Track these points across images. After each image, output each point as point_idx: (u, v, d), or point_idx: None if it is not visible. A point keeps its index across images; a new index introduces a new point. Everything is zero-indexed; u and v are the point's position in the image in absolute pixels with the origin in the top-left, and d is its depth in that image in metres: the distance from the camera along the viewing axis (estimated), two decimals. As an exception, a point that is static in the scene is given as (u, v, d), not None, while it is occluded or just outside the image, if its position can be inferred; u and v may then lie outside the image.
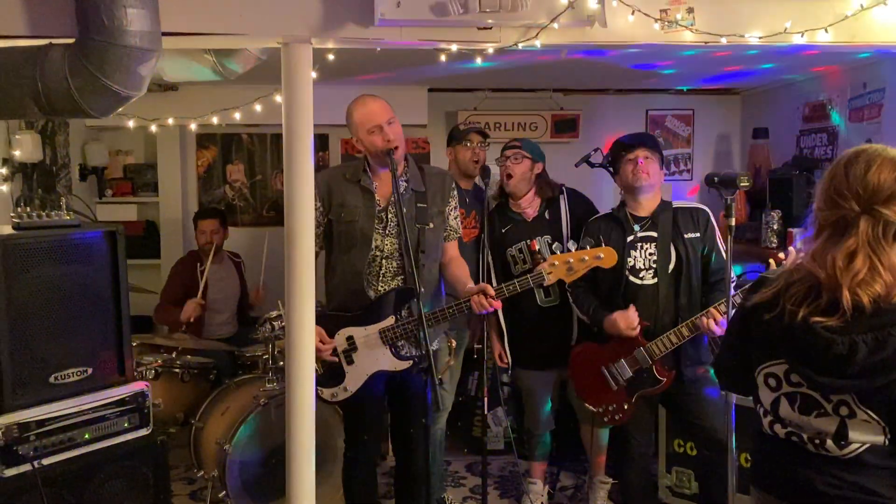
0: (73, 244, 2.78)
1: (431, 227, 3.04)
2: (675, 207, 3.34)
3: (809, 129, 5.19)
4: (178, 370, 4.09)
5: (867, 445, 1.64)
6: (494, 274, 3.69)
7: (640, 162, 3.28)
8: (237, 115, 3.47)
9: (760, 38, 2.68)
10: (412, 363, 2.98)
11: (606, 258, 2.98)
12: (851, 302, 1.57)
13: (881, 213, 1.60)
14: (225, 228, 4.96)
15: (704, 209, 3.36)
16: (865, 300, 1.56)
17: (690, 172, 6.09)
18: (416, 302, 2.92)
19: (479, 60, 2.79)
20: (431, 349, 2.78)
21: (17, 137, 3.78)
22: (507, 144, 3.78)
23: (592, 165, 4.44)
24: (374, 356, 3.00)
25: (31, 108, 2.38)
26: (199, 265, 4.80)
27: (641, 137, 3.44)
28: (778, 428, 1.76)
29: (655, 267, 3.26)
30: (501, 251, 3.73)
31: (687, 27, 2.63)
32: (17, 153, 3.81)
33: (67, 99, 2.33)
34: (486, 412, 3.50)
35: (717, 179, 2.87)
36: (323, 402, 3.08)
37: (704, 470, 3.54)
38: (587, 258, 2.96)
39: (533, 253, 3.63)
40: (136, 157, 5.70)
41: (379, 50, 2.90)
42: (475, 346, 4.01)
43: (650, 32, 2.62)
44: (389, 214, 3.02)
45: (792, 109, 5.38)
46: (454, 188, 3.18)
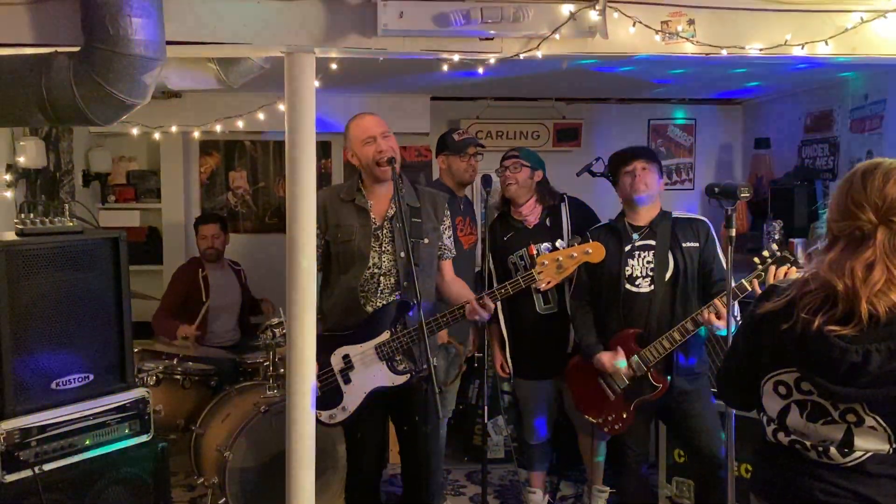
0: (75, 250, 2.79)
1: (426, 242, 3.05)
2: (674, 218, 3.35)
3: (811, 139, 5.20)
4: (179, 377, 4.09)
5: (870, 454, 1.65)
6: (497, 282, 3.69)
7: (637, 174, 3.30)
8: (240, 123, 3.48)
9: (761, 49, 2.69)
10: (409, 376, 2.98)
11: (595, 253, 2.99)
12: (867, 312, 1.58)
13: None
14: (226, 234, 4.98)
15: (704, 221, 3.36)
16: (881, 310, 1.58)
17: (692, 182, 6.10)
18: (410, 316, 2.94)
19: (480, 70, 2.80)
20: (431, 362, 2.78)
21: (20, 144, 3.80)
22: (505, 154, 3.79)
23: (594, 174, 4.45)
24: (370, 373, 2.98)
25: (36, 115, 2.40)
26: (200, 271, 4.81)
27: (638, 149, 3.46)
28: (781, 436, 1.76)
29: (652, 275, 3.27)
30: (503, 259, 3.74)
31: (688, 39, 2.65)
32: (20, 159, 3.83)
33: (72, 107, 2.35)
34: (485, 421, 3.49)
35: (717, 190, 2.87)
36: (322, 424, 3.01)
37: (701, 484, 3.53)
38: (576, 254, 2.96)
39: (532, 258, 3.64)
40: (139, 163, 5.71)
41: (382, 59, 2.91)
42: (475, 354, 4.02)
43: (651, 44, 2.64)
44: (385, 231, 3.03)
45: (794, 119, 5.39)
46: (448, 208, 3.21)
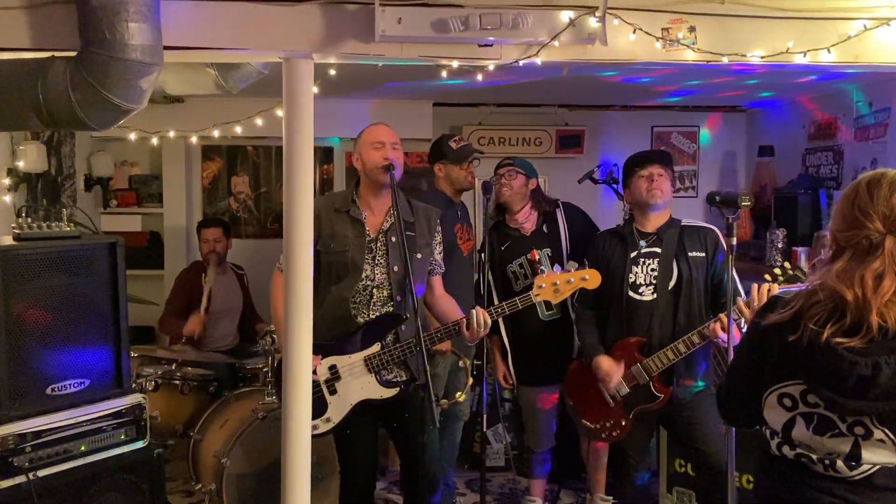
0: (72, 255, 2.79)
1: (419, 257, 3.03)
2: (682, 226, 3.30)
3: (815, 147, 5.18)
4: (178, 382, 4.08)
5: (878, 467, 1.62)
6: (496, 292, 3.68)
7: (654, 179, 3.26)
8: (238, 128, 3.47)
9: (762, 57, 2.67)
10: (398, 390, 2.96)
11: (591, 280, 2.99)
12: (877, 323, 1.56)
13: None
14: (228, 238, 4.97)
15: (713, 230, 3.31)
16: (891, 321, 1.56)
17: (695, 190, 6.07)
18: (403, 329, 2.93)
19: (480, 77, 2.79)
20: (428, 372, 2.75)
21: (20, 148, 3.80)
22: (499, 163, 3.77)
23: (595, 182, 4.46)
24: (358, 385, 2.95)
25: (32, 119, 2.39)
26: (203, 275, 4.81)
27: (656, 153, 3.43)
28: (787, 449, 1.73)
29: (655, 283, 3.24)
30: (502, 268, 3.72)
31: (688, 46, 2.63)
32: (20, 164, 3.83)
33: (68, 111, 2.35)
34: (484, 429, 3.47)
35: (718, 198, 2.85)
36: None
37: (705, 494, 3.50)
38: (573, 280, 2.96)
39: (533, 263, 3.62)
40: (141, 168, 5.72)
41: (381, 66, 2.90)
42: (475, 362, 4.00)
43: (651, 51, 2.62)
44: (379, 244, 3.02)
45: (798, 127, 5.37)
46: (440, 224, 3.18)
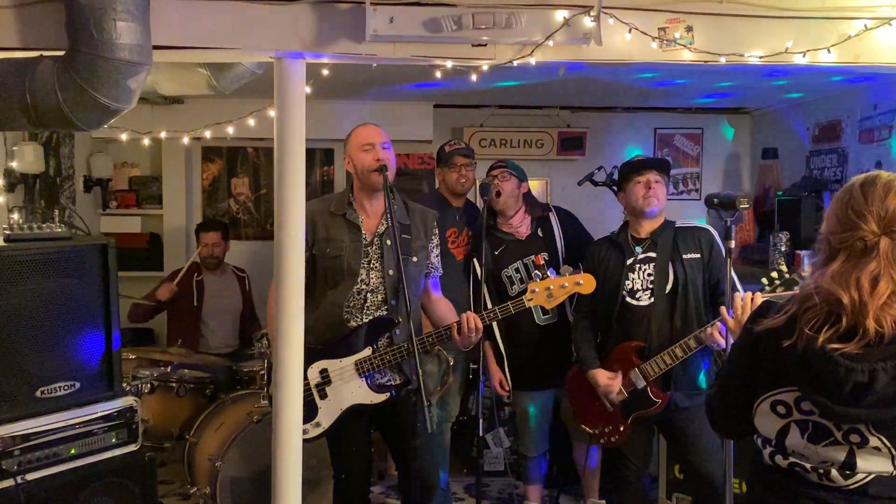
0: (63, 257, 2.76)
1: (415, 260, 3.00)
2: (676, 227, 3.28)
3: (819, 149, 5.12)
4: (174, 384, 4.05)
5: (872, 476, 1.59)
6: (490, 297, 3.64)
7: (651, 185, 3.22)
8: (230, 129, 3.45)
9: (761, 57, 2.63)
10: (388, 396, 2.93)
11: (586, 284, 2.96)
12: (874, 327, 1.53)
13: None
14: (227, 241, 4.95)
15: (708, 229, 3.28)
16: (887, 324, 1.53)
17: (699, 192, 6.02)
18: (397, 334, 2.90)
19: (474, 78, 2.75)
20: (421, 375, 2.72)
21: (14, 148, 3.79)
22: (492, 165, 3.77)
23: (596, 184, 4.41)
24: (348, 389, 2.92)
25: (20, 120, 2.37)
26: (196, 275, 4.79)
27: (653, 160, 3.39)
28: (780, 459, 1.70)
29: (652, 287, 3.20)
30: (496, 274, 3.68)
31: (686, 46, 2.59)
32: (14, 164, 3.81)
33: (56, 111, 2.32)
34: (480, 433, 3.44)
35: (716, 200, 2.83)
36: None
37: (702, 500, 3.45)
38: (567, 285, 2.94)
39: (541, 267, 3.59)
40: (141, 169, 5.70)
41: (375, 66, 2.87)
42: (471, 366, 3.97)
43: (647, 51, 2.58)
44: (374, 248, 2.99)
45: (802, 130, 5.32)
46: (437, 226, 3.15)
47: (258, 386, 4.02)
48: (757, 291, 2.59)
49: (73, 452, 2.77)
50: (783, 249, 4.70)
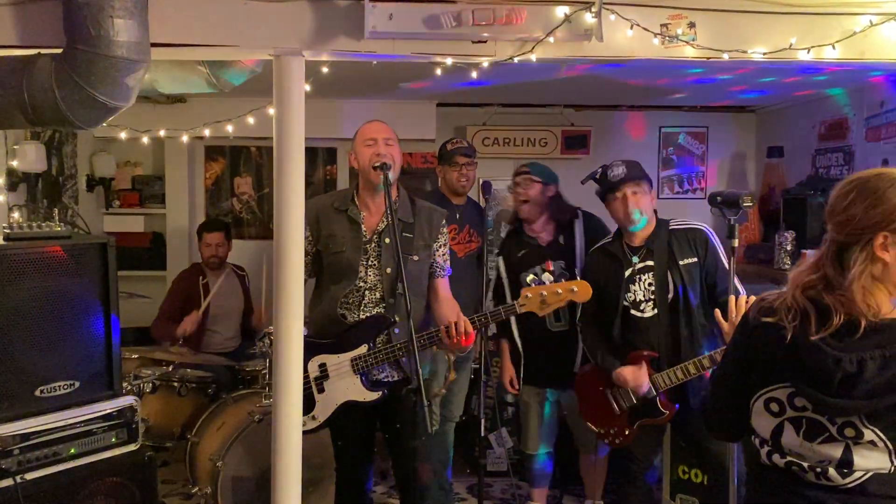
0: (62, 255, 2.75)
1: (416, 259, 2.98)
2: (671, 230, 3.20)
3: (825, 148, 5.09)
4: (175, 384, 4.04)
5: (871, 474, 1.58)
6: (510, 297, 3.67)
7: (629, 200, 3.13)
8: (230, 127, 3.44)
9: (765, 54, 2.60)
10: (381, 394, 2.92)
11: (580, 292, 2.88)
12: (853, 319, 1.55)
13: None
14: (229, 241, 4.94)
15: (702, 229, 3.20)
16: (869, 316, 1.54)
17: (704, 191, 5.99)
18: (396, 333, 2.88)
19: (474, 74, 2.73)
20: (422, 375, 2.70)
21: (16, 147, 3.78)
22: (516, 171, 3.74)
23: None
24: (344, 385, 2.91)
25: (17, 118, 2.36)
26: (201, 278, 4.77)
27: (624, 173, 3.17)
28: (777, 458, 1.69)
29: (654, 298, 3.16)
30: (517, 275, 3.70)
31: (688, 42, 2.57)
32: (14, 163, 3.81)
33: (53, 109, 2.31)
34: (481, 433, 3.42)
35: (719, 199, 2.80)
36: None
37: (711, 498, 3.43)
38: (561, 292, 2.86)
39: (548, 271, 3.61)
40: (144, 168, 5.71)
41: (375, 63, 2.85)
42: (472, 365, 3.95)
43: (649, 47, 2.56)
44: (373, 245, 2.98)
45: (808, 128, 5.28)
46: (444, 225, 3.12)
47: (260, 385, 4.01)
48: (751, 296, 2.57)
49: (72, 452, 2.75)
50: (789, 249, 4.66)
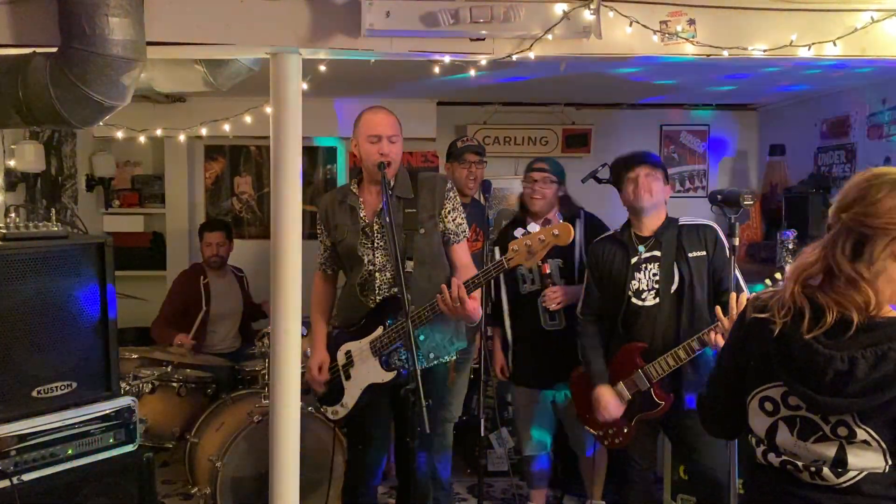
0: (59, 256, 2.73)
1: (423, 232, 2.96)
2: (680, 225, 3.22)
3: (827, 145, 5.06)
4: (175, 384, 4.03)
5: (865, 473, 1.57)
6: (505, 288, 3.65)
7: (641, 181, 3.16)
8: (227, 126, 3.43)
9: (765, 51, 2.58)
10: (396, 374, 2.91)
11: (562, 235, 2.80)
12: (846, 317, 1.54)
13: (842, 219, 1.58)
14: (230, 241, 4.93)
15: (712, 226, 3.22)
16: (860, 314, 1.53)
17: (705, 189, 5.96)
18: (402, 312, 2.83)
19: (473, 73, 2.71)
20: (426, 364, 2.68)
21: (13, 147, 3.77)
22: (531, 165, 3.69)
23: (600, 181, 4.34)
24: (366, 369, 2.96)
25: (13, 116, 2.35)
26: (202, 278, 4.76)
27: (641, 155, 3.27)
28: (772, 457, 1.68)
29: (658, 287, 3.15)
30: (513, 268, 3.64)
31: (688, 39, 2.55)
32: (11, 163, 3.79)
33: (48, 108, 2.30)
34: (482, 433, 3.41)
35: (720, 197, 2.78)
36: (329, 420, 3.12)
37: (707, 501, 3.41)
38: (544, 237, 2.80)
39: (543, 277, 3.57)
40: (144, 168, 5.70)
41: (373, 62, 2.84)
42: (472, 365, 3.93)
43: (649, 44, 2.54)
44: (376, 228, 2.97)
45: (810, 126, 5.25)
46: (450, 190, 3.06)
47: (260, 386, 4.00)
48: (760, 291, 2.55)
49: (70, 453, 2.73)
50: (790, 247, 4.63)
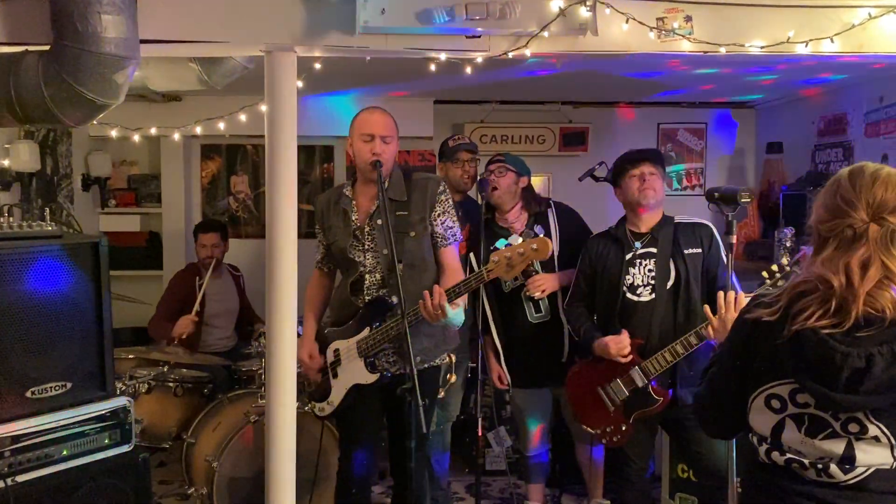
0: (53, 255, 2.72)
1: (413, 235, 2.95)
2: (676, 223, 3.23)
3: (825, 143, 5.06)
4: (171, 384, 4.01)
5: (872, 469, 1.56)
6: (485, 291, 3.60)
7: (646, 178, 3.17)
8: (221, 125, 3.41)
9: (762, 47, 2.57)
10: (379, 376, 2.93)
11: (541, 249, 2.78)
12: (864, 312, 1.53)
13: (889, 221, 1.59)
14: (225, 241, 4.91)
15: (707, 224, 3.24)
16: (879, 307, 1.52)
17: (703, 188, 5.95)
18: (390, 313, 2.86)
19: (468, 70, 2.70)
20: (414, 365, 2.66)
21: (8, 146, 3.75)
22: (490, 159, 3.72)
23: (597, 179, 4.33)
24: (352, 369, 2.96)
25: (5, 116, 2.34)
26: (197, 279, 4.74)
27: (647, 152, 3.31)
28: (776, 455, 1.66)
29: (653, 283, 3.15)
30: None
31: (684, 36, 2.54)
32: (6, 162, 3.78)
33: (41, 107, 2.29)
34: (479, 432, 3.39)
35: (717, 195, 2.78)
36: (316, 417, 3.16)
37: (705, 500, 3.41)
38: (524, 251, 2.79)
39: (526, 270, 3.52)
40: (140, 167, 5.67)
41: (369, 60, 2.83)
42: (470, 365, 3.92)
43: (645, 41, 2.53)
44: (367, 229, 2.97)
45: (807, 123, 5.25)
46: (441, 193, 3.03)
47: (256, 385, 3.98)
48: (756, 289, 2.55)
49: (65, 453, 2.72)
50: (788, 245, 4.61)
